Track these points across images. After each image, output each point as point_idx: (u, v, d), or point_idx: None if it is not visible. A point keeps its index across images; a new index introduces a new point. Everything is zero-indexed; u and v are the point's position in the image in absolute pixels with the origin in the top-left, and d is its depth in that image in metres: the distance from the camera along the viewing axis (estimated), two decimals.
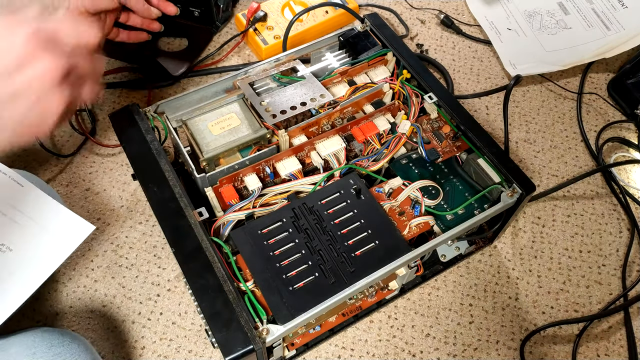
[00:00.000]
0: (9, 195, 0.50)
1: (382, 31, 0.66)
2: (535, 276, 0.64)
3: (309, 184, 0.55)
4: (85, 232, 0.50)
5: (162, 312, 0.60)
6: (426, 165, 0.59)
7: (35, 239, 0.49)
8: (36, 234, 0.49)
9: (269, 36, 0.78)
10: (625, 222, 0.68)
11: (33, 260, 0.48)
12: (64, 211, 0.51)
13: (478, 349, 0.59)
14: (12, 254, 0.48)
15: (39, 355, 0.45)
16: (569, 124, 0.77)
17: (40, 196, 0.51)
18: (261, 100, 0.59)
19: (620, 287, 0.63)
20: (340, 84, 0.64)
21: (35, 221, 0.50)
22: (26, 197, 0.50)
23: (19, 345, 0.46)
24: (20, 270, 0.48)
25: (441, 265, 0.62)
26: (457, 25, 0.86)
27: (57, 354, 0.46)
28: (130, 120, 0.56)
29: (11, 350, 0.46)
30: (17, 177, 0.51)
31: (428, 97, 0.61)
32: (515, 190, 0.54)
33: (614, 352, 0.59)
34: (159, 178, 0.52)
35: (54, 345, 0.47)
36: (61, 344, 0.47)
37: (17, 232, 0.49)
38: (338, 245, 0.50)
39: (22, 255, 0.48)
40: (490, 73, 0.82)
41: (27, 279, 0.48)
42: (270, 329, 0.45)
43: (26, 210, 0.50)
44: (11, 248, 0.48)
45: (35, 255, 0.49)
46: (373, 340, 0.59)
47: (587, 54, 0.79)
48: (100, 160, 0.70)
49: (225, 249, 0.50)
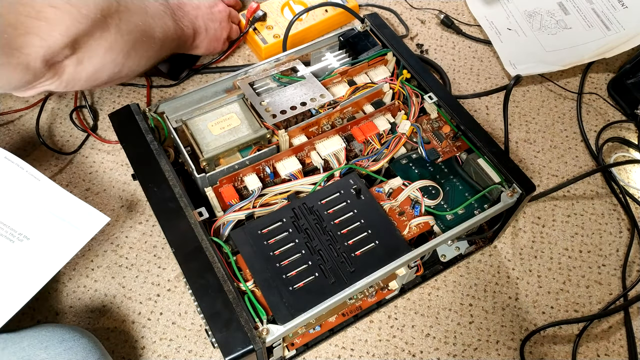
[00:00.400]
0: (26, 188, 0.52)
1: (382, 31, 0.66)
2: (535, 276, 0.64)
3: (309, 184, 0.55)
4: (100, 223, 0.52)
5: (162, 312, 0.60)
6: (426, 165, 0.59)
7: (52, 229, 0.51)
8: (52, 224, 0.51)
9: (268, 35, 0.78)
10: (625, 222, 0.68)
11: (49, 249, 0.50)
12: (79, 203, 0.53)
13: (478, 349, 0.59)
14: (29, 242, 0.50)
15: (51, 349, 0.47)
16: (569, 124, 0.77)
17: (56, 189, 0.53)
18: (261, 100, 0.59)
19: (620, 287, 0.63)
20: (340, 84, 0.64)
21: (51, 212, 0.52)
22: (43, 189, 0.53)
23: (32, 338, 0.47)
24: (36, 258, 0.50)
25: (441, 265, 0.62)
26: (457, 25, 0.86)
27: (68, 348, 0.47)
28: (130, 120, 0.56)
29: (23, 343, 0.47)
30: (34, 172, 0.53)
31: (428, 97, 0.61)
32: (515, 190, 0.54)
33: (614, 352, 0.59)
34: (159, 178, 0.52)
35: (65, 340, 0.48)
36: (72, 338, 0.48)
37: (34, 222, 0.51)
38: (338, 245, 0.51)
39: (38, 245, 0.50)
40: (490, 73, 0.82)
41: (43, 268, 0.49)
42: (270, 329, 0.45)
43: (42, 201, 0.52)
44: (28, 237, 0.50)
45: (51, 245, 0.50)
46: (373, 340, 0.59)
47: (587, 54, 0.79)
48: (100, 160, 0.70)
49: (225, 249, 0.50)
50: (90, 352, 0.48)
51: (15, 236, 0.50)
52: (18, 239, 0.50)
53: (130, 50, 0.54)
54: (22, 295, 0.48)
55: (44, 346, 0.47)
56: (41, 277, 0.49)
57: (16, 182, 0.53)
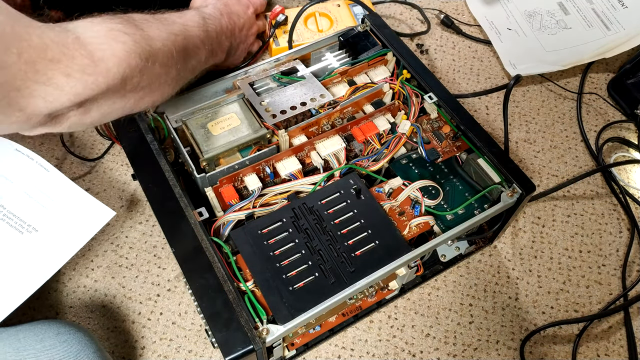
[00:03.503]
0: (36, 180, 0.53)
1: (382, 31, 0.66)
2: (535, 276, 0.64)
3: (309, 184, 0.55)
4: (106, 217, 0.52)
5: (162, 312, 0.60)
6: (426, 165, 0.59)
7: (59, 222, 0.51)
8: (60, 216, 0.52)
9: (283, 39, 0.78)
10: (625, 222, 0.68)
11: (56, 241, 0.50)
12: (86, 196, 0.53)
13: (478, 349, 0.59)
14: (38, 234, 0.50)
15: (46, 341, 0.47)
16: (569, 124, 0.77)
17: (64, 181, 0.53)
18: (261, 100, 0.59)
19: (620, 287, 0.63)
20: (340, 84, 0.64)
21: (59, 204, 0.52)
22: (51, 181, 0.53)
23: (28, 331, 0.48)
24: (44, 250, 0.50)
25: (441, 265, 0.62)
26: (457, 25, 0.86)
27: (64, 341, 0.47)
28: (130, 120, 0.56)
29: (19, 336, 0.47)
30: (43, 163, 0.54)
31: (428, 97, 0.61)
32: (515, 190, 0.54)
33: (614, 352, 0.59)
34: (159, 178, 0.52)
35: (61, 333, 0.48)
36: (68, 332, 0.48)
37: (43, 214, 0.51)
38: (338, 245, 0.51)
39: (46, 237, 0.50)
40: (490, 73, 0.82)
41: (50, 259, 0.50)
42: (270, 329, 0.45)
43: (51, 193, 0.52)
44: (37, 229, 0.51)
45: (58, 237, 0.51)
46: (373, 340, 0.59)
47: (587, 54, 0.79)
48: (100, 160, 0.70)
49: (225, 249, 0.50)
50: (85, 346, 0.48)
51: (24, 228, 0.50)
52: (27, 231, 0.50)
53: (145, 96, 0.48)
54: (28, 288, 0.48)
55: (39, 338, 0.47)
56: (47, 270, 0.49)
57: (26, 173, 0.53)
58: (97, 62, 0.40)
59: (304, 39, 0.78)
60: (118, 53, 0.42)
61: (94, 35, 0.41)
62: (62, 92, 0.39)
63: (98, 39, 0.41)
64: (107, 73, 0.41)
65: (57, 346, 0.47)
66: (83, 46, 0.40)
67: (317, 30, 0.80)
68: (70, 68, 0.39)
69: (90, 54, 0.40)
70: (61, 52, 0.38)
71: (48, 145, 0.70)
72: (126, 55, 0.43)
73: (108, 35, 0.42)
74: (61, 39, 0.39)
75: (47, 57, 0.38)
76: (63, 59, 0.38)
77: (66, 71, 0.39)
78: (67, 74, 0.39)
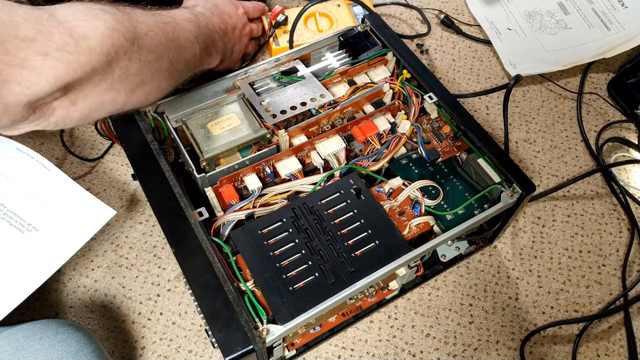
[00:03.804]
0: (36, 178, 0.53)
1: (382, 31, 0.66)
2: (535, 276, 0.64)
3: (309, 184, 0.55)
4: (107, 217, 0.52)
5: (162, 312, 0.60)
6: (426, 165, 0.59)
7: (60, 221, 0.51)
8: (60, 215, 0.52)
9: (283, 39, 0.78)
10: (625, 222, 0.68)
11: (57, 240, 0.50)
12: (87, 195, 0.53)
13: (478, 349, 0.59)
14: (38, 233, 0.50)
15: (45, 340, 0.47)
16: (569, 124, 0.77)
17: (65, 180, 0.53)
18: (261, 100, 0.59)
19: (620, 287, 0.63)
20: (340, 84, 0.64)
21: (60, 204, 0.52)
22: (52, 180, 0.53)
23: (27, 331, 0.48)
24: (44, 249, 0.50)
25: (441, 265, 0.62)
26: (457, 25, 0.86)
27: (62, 340, 0.47)
28: (130, 120, 0.56)
29: (18, 335, 0.47)
30: (44, 161, 0.54)
31: (428, 97, 0.61)
32: (515, 190, 0.54)
33: (614, 352, 0.59)
34: (159, 178, 0.52)
35: (59, 332, 0.48)
36: (66, 331, 0.48)
37: (43, 213, 0.51)
38: (338, 245, 0.50)
39: (46, 236, 0.50)
40: (490, 73, 0.82)
41: (50, 258, 0.50)
42: (270, 329, 0.45)
43: (52, 192, 0.52)
44: (37, 228, 0.51)
45: (58, 236, 0.51)
46: (373, 340, 0.59)
47: (587, 54, 0.79)
48: (100, 160, 0.70)
49: (225, 249, 0.50)
50: (84, 345, 0.48)
51: (25, 227, 0.50)
52: (27, 230, 0.50)
53: (136, 87, 0.45)
54: (28, 287, 0.48)
55: (38, 337, 0.47)
56: (47, 269, 0.49)
57: (27, 172, 0.52)
58: (78, 39, 0.37)
59: (304, 39, 0.78)
60: (100, 29, 0.39)
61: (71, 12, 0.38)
62: (40, 75, 0.36)
63: (76, 16, 0.38)
64: (90, 52, 0.38)
65: (56, 345, 0.47)
66: (60, 23, 0.37)
67: (317, 30, 0.80)
68: (48, 47, 0.35)
69: (70, 31, 0.37)
70: (36, 29, 0.35)
71: (48, 145, 0.70)
72: (109, 32, 0.39)
73: (87, 13, 0.39)
74: (34, 16, 0.35)
75: (19, 35, 0.34)
76: (38, 37, 0.35)
77: (43, 50, 0.35)
78: (44, 54, 0.35)
